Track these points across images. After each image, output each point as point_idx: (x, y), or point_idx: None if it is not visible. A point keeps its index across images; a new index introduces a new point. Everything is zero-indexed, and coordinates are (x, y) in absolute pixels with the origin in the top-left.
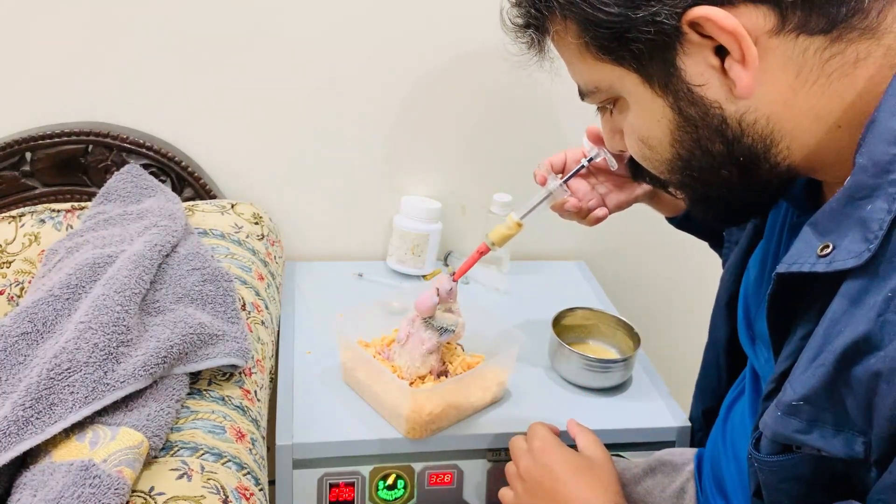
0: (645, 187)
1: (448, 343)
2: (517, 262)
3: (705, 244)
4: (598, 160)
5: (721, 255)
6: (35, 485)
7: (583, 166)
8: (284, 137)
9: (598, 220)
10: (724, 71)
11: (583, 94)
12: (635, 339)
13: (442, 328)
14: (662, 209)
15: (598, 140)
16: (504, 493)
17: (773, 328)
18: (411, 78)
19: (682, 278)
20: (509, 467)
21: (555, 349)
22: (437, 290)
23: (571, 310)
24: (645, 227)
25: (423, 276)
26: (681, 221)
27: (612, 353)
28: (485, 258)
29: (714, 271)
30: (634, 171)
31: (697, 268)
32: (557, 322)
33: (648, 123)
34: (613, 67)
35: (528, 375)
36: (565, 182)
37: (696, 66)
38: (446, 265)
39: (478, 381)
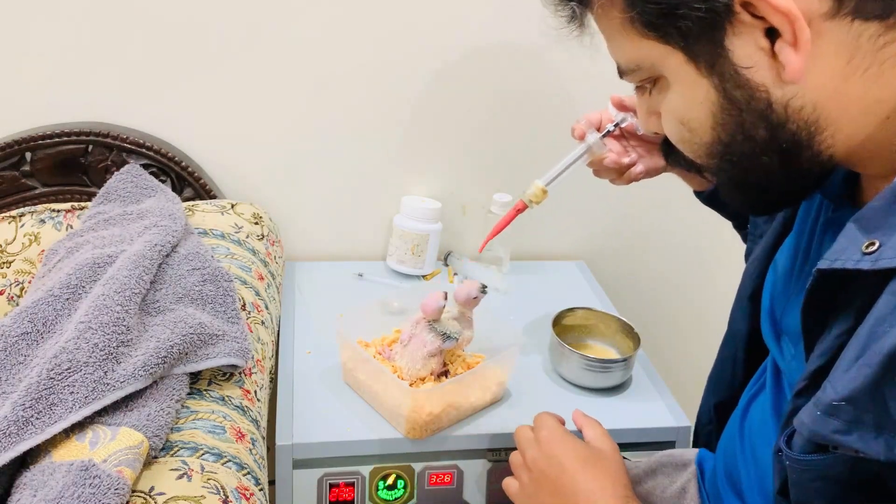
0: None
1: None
2: (517, 262)
3: (705, 244)
4: (624, 125)
5: (744, 238)
6: (35, 485)
7: (609, 131)
8: (284, 137)
9: (634, 178)
10: (773, 54)
11: (622, 73)
12: (635, 339)
13: (445, 334)
14: (692, 182)
15: (622, 108)
16: (508, 483)
17: (808, 324)
18: (411, 78)
19: (681, 278)
20: (514, 457)
21: (555, 349)
22: (445, 294)
23: (571, 310)
24: (645, 227)
25: (423, 276)
26: (708, 197)
27: (612, 353)
28: (485, 258)
29: (714, 271)
30: (667, 153)
31: (697, 268)
32: (557, 322)
33: (690, 105)
34: (658, 45)
35: (528, 375)
36: (602, 138)
37: (744, 48)
38: (446, 265)
39: (478, 381)
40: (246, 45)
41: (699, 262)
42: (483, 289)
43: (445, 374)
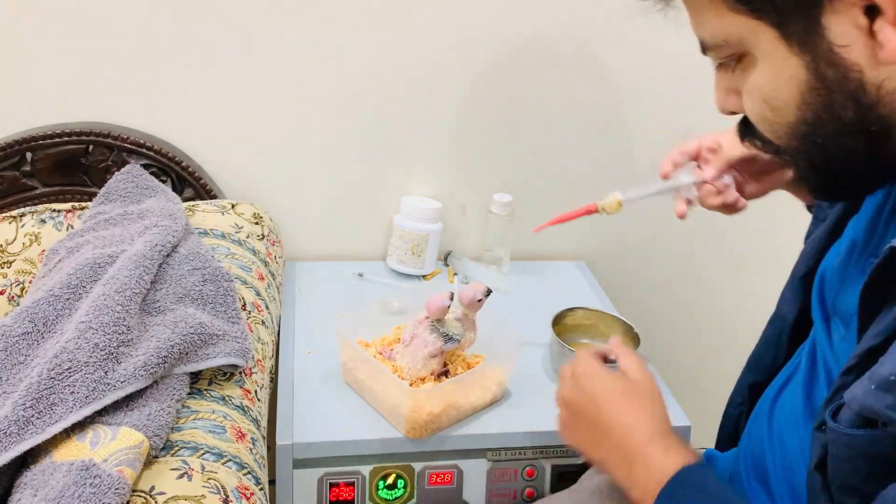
0: (785, 175)
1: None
2: (517, 262)
3: (705, 244)
4: (718, 183)
5: None
6: (36, 484)
7: (698, 182)
8: (285, 137)
9: (740, 209)
10: (871, 33)
11: (705, 49)
12: (635, 339)
13: (448, 336)
14: (803, 196)
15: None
16: (556, 418)
17: (867, 304)
18: (412, 78)
19: (681, 278)
20: (556, 393)
21: (555, 349)
22: (451, 294)
23: (571, 310)
24: (644, 227)
25: (424, 276)
26: None
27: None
28: (485, 258)
29: (714, 272)
30: (744, 134)
31: (697, 268)
32: (557, 322)
33: (777, 83)
34: (749, 20)
35: (528, 375)
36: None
37: (841, 26)
38: (446, 265)
39: (478, 381)
40: (246, 46)
41: (699, 262)
42: (488, 292)
43: (445, 373)
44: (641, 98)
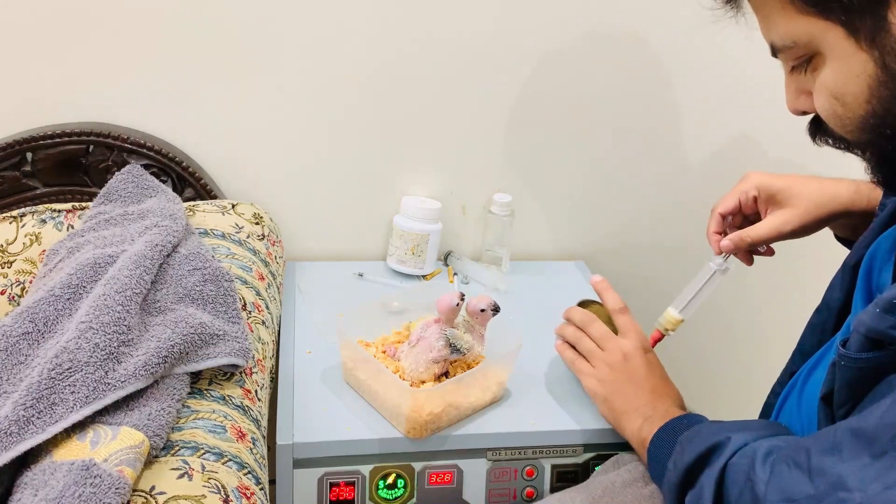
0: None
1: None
2: (517, 262)
3: (705, 244)
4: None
5: None
6: (36, 484)
7: (715, 272)
8: (285, 137)
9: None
10: None
11: (775, 51)
12: None
13: (454, 346)
14: (842, 230)
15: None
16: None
17: None
18: (411, 78)
19: (681, 278)
20: (607, 341)
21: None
22: (462, 294)
23: (593, 302)
24: (644, 227)
25: (424, 277)
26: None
27: None
28: (485, 258)
29: None
30: (814, 132)
31: (697, 268)
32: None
33: (846, 79)
34: (818, 21)
35: (528, 375)
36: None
37: None
38: (446, 265)
39: (478, 381)
40: (246, 46)
41: (699, 262)
42: (495, 307)
43: (445, 373)
44: (642, 98)
